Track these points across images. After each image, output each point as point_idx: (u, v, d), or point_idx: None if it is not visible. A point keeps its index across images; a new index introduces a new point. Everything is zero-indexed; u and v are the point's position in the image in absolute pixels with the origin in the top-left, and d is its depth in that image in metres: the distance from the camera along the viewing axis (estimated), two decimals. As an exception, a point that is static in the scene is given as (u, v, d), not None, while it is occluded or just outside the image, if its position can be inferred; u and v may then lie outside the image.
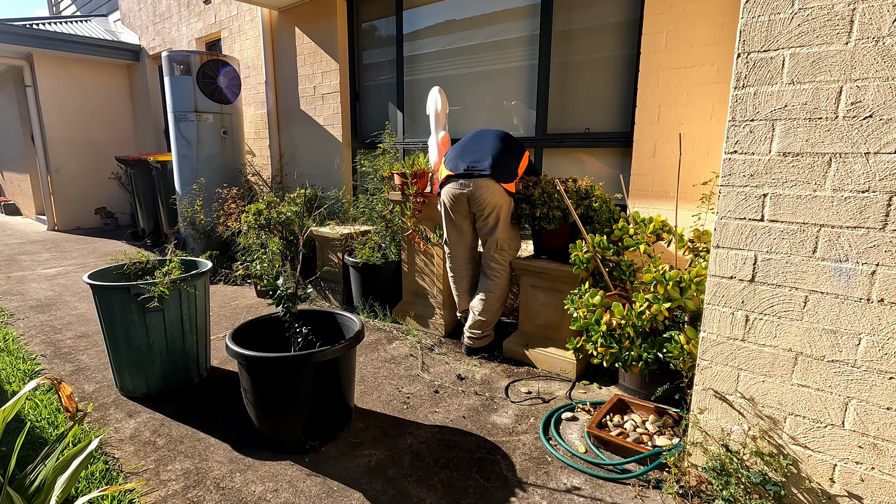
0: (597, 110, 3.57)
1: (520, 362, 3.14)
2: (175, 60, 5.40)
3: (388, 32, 4.79)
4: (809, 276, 1.59)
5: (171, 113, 5.56)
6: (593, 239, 2.70)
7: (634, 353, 2.39)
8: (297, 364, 2.15)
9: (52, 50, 7.49)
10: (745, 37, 1.62)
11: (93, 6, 9.76)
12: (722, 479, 1.74)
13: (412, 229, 3.56)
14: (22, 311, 4.15)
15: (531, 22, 3.77)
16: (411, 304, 3.80)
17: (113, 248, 6.73)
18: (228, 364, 3.14)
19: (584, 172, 3.64)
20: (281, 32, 5.60)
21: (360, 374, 3.00)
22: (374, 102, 5.10)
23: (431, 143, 3.57)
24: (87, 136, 8.29)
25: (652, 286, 2.36)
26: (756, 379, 1.75)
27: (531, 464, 2.15)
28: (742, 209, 1.69)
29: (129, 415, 2.55)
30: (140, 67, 8.30)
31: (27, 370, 3.00)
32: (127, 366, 2.67)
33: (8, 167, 10.41)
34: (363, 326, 2.41)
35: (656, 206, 3.14)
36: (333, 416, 2.35)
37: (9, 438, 2.22)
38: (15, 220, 9.60)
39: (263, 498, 1.95)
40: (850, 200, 1.50)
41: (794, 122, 1.56)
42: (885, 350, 1.50)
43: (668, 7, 2.95)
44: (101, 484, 2.00)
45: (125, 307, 2.55)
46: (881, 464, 1.55)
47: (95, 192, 8.51)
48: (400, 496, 1.96)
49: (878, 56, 1.42)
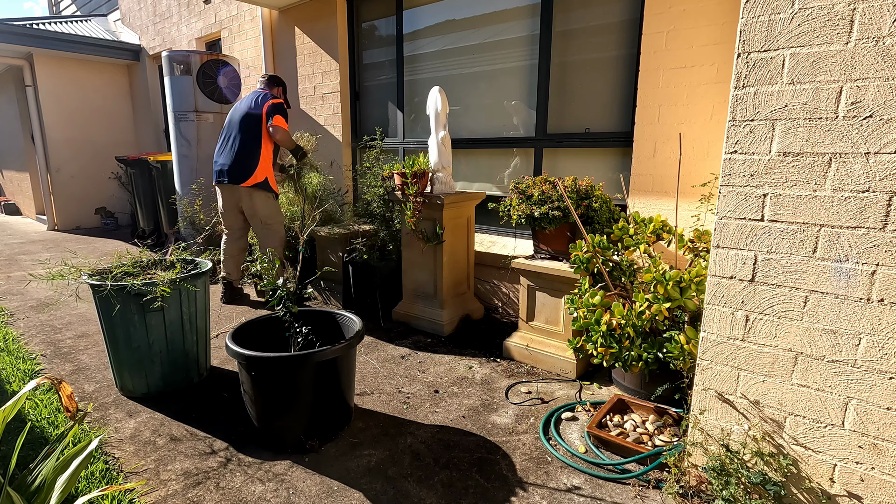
0: (597, 110, 3.57)
1: (520, 362, 3.14)
2: (175, 60, 5.40)
3: (388, 32, 4.79)
4: (809, 276, 1.60)
5: (171, 113, 5.56)
6: (593, 239, 2.70)
7: (634, 353, 2.39)
8: (297, 364, 2.15)
9: (52, 50, 7.49)
10: (746, 37, 1.62)
11: (93, 6, 9.76)
12: (722, 479, 1.74)
13: (412, 229, 3.56)
14: (22, 310, 4.15)
15: (531, 22, 3.77)
16: (411, 304, 3.80)
17: (113, 247, 6.73)
18: (228, 364, 3.14)
19: (584, 172, 3.64)
20: (281, 32, 5.60)
21: (360, 373, 3.00)
22: (375, 102, 5.10)
23: (431, 143, 3.57)
24: (87, 135, 8.29)
25: (652, 286, 2.36)
26: (756, 379, 1.75)
27: (531, 464, 2.15)
28: (742, 209, 1.69)
29: (129, 415, 2.55)
30: (140, 67, 8.30)
31: (27, 370, 3.00)
32: (127, 365, 2.67)
33: (8, 167, 10.41)
34: (363, 326, 2.41)
35: (656, 205, 3.14)
36: (333, 416, 2.35)
37: (9, 438, 2.22)
38: (15, 219, 9.60)
39: (263, 498, 1.95)
40: (850, 200, 1.50)
41: (795, 122, 1.56)
42: (885, 350, 1.50)
43: (668, 7, 2.94)
44: (101, 484, 2.00)
45: (125, 307, 2.55)
46: (881, 464, 1.56)
47: (95, 192, 8.51)
48: (400, 496, 1.96)
49: (878, 56, 1.42)
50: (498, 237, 4.21)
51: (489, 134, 4.18)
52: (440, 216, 3.43)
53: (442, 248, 3.50)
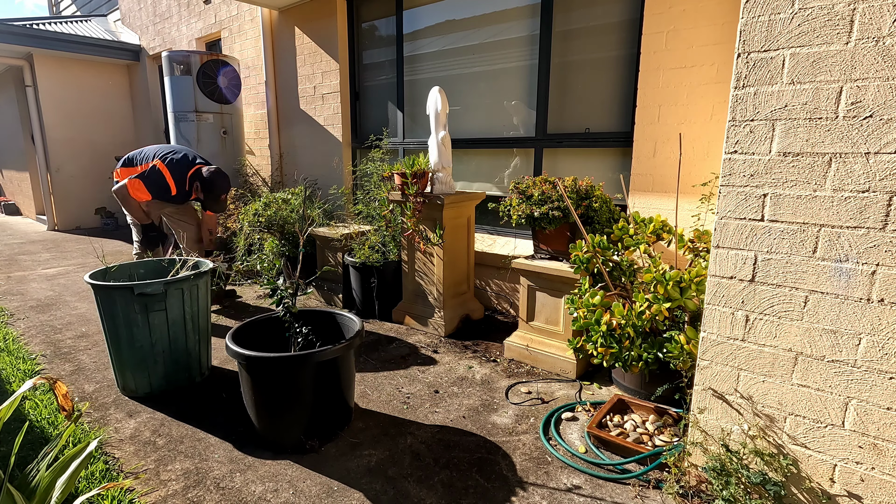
0: (597, 110, 3.57)
1: (520, 362, 3.14)
2: (175, 60, 5.40)
3: (389, 32, 4.79)
4: (809, 276, 1.60)
5: (171, 113, 5.56)
6: (593, 239, 2.70)
7: (634, 353, 2.39)
8: (298, 364, 2.15)
9: (52, 50, 7.49)
10: (746, 37, 1.62)
11: (93, 6, 9.76)
12: (722, 479, 1.74)
13: (412, 229, 3.56)
14: (22, 311, 4.15)
15: (531, 22, 3.77)
16: (411, 304, 3.80)
17: (113, 247, 6.73)
18: (229, 364, 3.14)
19: (584, 172, 3.64)
20: (281, 32, 5.60)
21: (360, 373, 3.00)
22: (374, 102, 5.10)
23: (431, 143, 3.57)
24: (87, 135, 8.29)
25: (652, 286, 2.36)
26: (756, 379, 1.75)
27: (531, 464, 2.15)
28: (742, 209, 1.69)
29: (129, 414, 2.55)
30: (140, 67, 8.30)
31: (27, 370, 3.00)
32: (129, 365, 2.67)
33: (8, 167, 10.41)
34: (363, 326, 2.41)
35: (656, 205, 3.14)
36: (333, 416, 2.35)
37: (8, 438, 2.23)
38: (15, 219, 9.60)
39: (263, 498, 1.95)
40: (850, 200, 1.50)
41: (795, 122, 1.56)
42: (886, 350, 1.50)
43: (668, 7, 2.95)
44: (101, 483, 2.00)
45: (128, 307, 2.55)
46: (881, 464, 1.56)
47: (95, 192, 8.51)
48: (400, 496, 1.96)
49: (878, 56, 1.42)
50: (498, 237, 4.22)
51: (489, 134, 4.18)
52: (440, 216, 3.43)
53: (442, 248, 3.50)
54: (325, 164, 5.40)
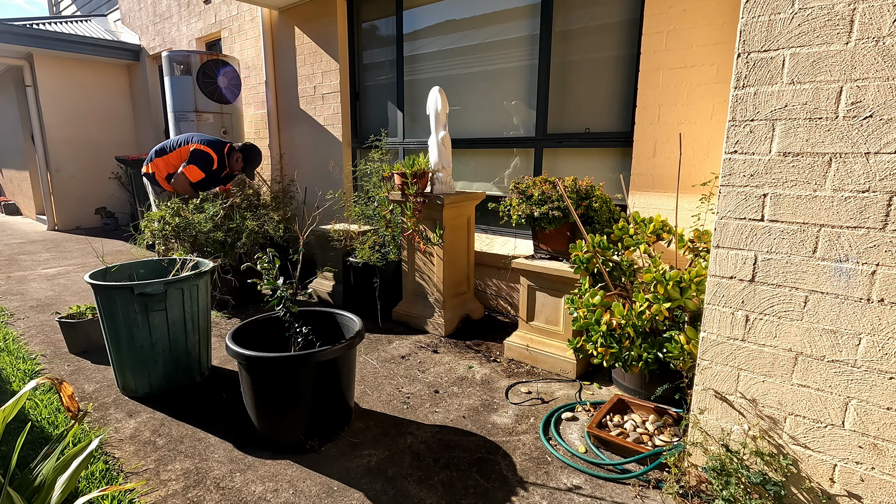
0: (597, 110, 3.57)
1: (520, 362, 3.14)
2: (175, 60, 5.40)
3: (389, 32, 4.79)
4: (809, 276, 1.60)
5: (171, 113, 5.56)
6: (593, 239, 2.70)
7: (634, 353, 2.39)
8: (297, 364, 2.15)
9: (52, 50, 7.49)
10: (746, 37, 1.62)
11: (93, 6, 9.76)
12: (722, 479, 1.74)
13: (412, 229, 3.56)
14: (22, 310, 4.15)
15: (531, 22, 3.77)
16: (411, 304, 3.80)
17: (113, 247, 6.73)
18: (229, 364, 3.14)
19: (584, 172, 3.64)
20: (281, 32, 5.60)
21: (360, 373, 3.00)
22: (375, 102, 5.10)
23: (431, 143, 3.57)
24: (87, 135, 8.29)
25: (652, 286, 2.36)
26: (756, 379, 1.75)
27: (531, 464, 2.15)
28: (742, 209, 1.69)
29: (129, 414, 2.55)
30: (140, 67, 8.30)
31: (27, 370, 3.00)
32: (129, 365, 2.67)
33: (8, 167, 10.41)
34: (363, 326, 2.41)
35: (656, 205, 3.14)
36: (333, 416, 2.35)
37: (10, 438, 2.23)
38: (15, 219, 9.59)
39: (263, 498, 1.95)
40: (850, 200, 1.50)
41: (795, 122, 1.56)
42: (886, 350, 1.50)
43: (668, 7, 2.95)
44: (101, 484, 2.00)
45: (128, 307, 2.55)
46: (881, 464, 1.56)
47: (95, 192, 8.51)
48: (400, 496, 1.96)
49: (878, 56, 1.42)
50: (498, 237, 4.22)
51: (489, 134, 4.18)
52: (440, 216, 3.43)
53: (442, 248, 3.50)
54: (325, 164, 5.40)
